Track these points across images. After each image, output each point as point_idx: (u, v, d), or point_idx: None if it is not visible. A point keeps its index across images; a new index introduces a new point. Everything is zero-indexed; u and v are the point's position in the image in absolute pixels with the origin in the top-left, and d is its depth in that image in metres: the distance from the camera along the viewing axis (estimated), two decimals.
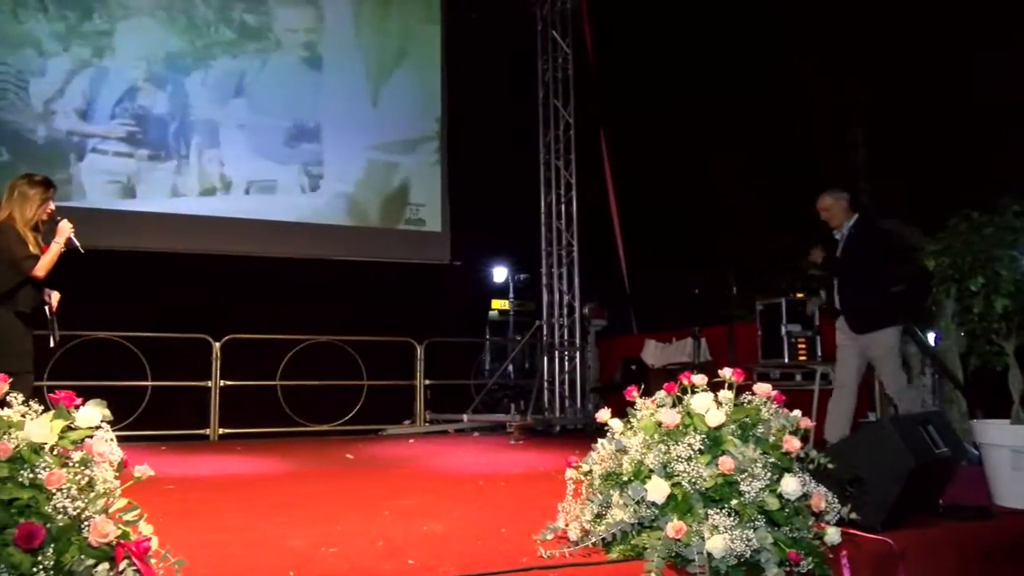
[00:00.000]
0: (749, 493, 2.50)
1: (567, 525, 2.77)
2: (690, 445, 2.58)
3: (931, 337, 5.96)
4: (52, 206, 4.42)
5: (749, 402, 2.77)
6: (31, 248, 4.27)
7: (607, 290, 10.13)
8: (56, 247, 4.31)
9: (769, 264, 8.34)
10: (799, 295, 6.49)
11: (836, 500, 2.64)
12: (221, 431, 7.76)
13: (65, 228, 4.35)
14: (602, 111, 9.81)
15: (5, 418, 2.02)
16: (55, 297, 4.48)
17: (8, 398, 2.08)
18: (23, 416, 2.02)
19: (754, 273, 7.91)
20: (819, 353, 6.37)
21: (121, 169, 8.35)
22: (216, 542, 2.94)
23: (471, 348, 10.24)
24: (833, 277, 5.37)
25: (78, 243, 4.41)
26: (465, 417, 8.55)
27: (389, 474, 5.09)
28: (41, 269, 4.26)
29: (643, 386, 2.96)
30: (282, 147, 8.99)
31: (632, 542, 2.53)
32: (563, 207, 9.46)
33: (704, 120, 9.49)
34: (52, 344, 4.50)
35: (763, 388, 2.79)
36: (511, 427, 8.03)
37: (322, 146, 9.12)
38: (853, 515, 2.65)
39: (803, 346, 6.39)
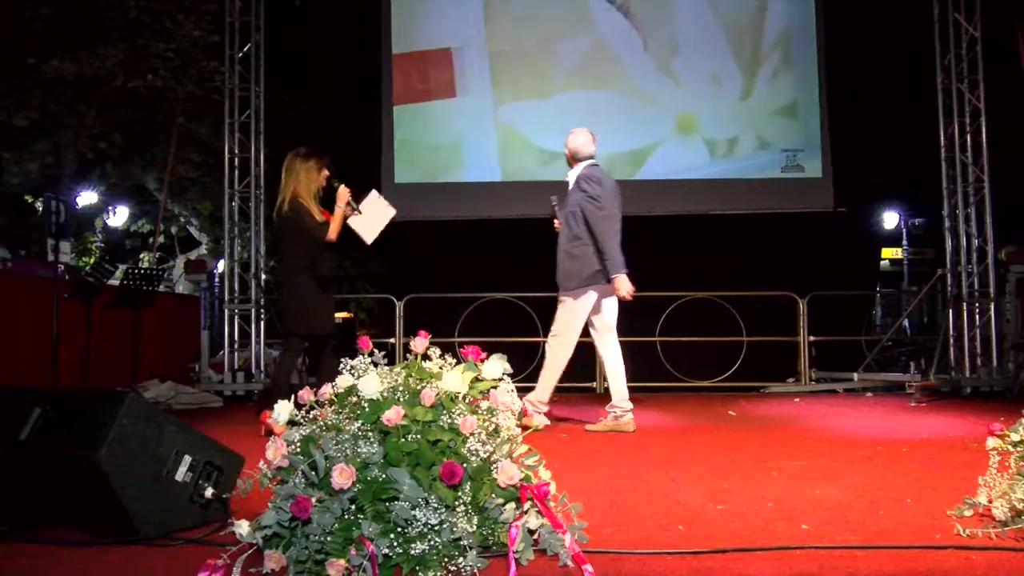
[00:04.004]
0: None
1: (991, 502, 2.42)
2: None
3: None
4: (327, 172, 4.79)
5: None
6: (317, 217, 4.68)
7: None
8: (339, 211, 4.70)
9: None
10: None
11: None
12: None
13: (344, 193, 4.73)
14: (1019, 14, 8.28)
15: (427, 370, 2.30)
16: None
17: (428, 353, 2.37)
18: (440, 368, 2.29)
19: None
20: None
21: None
22: (608, 490, 3.08)
23: (860, 302, 9.46)
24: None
25: (355, 205, 4.77)
26: (856, 376, 7.95)
27: (775, 433, 4.91)
28: (333, 233, 4.67)
29: None
30: (656, 101, 9.06)
31: None
32: (968, 137, 8.19)
33: None
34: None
35: None
36: (911, 387, 7.26)
37: (695, 96, 9.01)
38: None
39: None
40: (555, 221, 5.15)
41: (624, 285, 4.78)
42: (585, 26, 9.18)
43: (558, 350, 5.00)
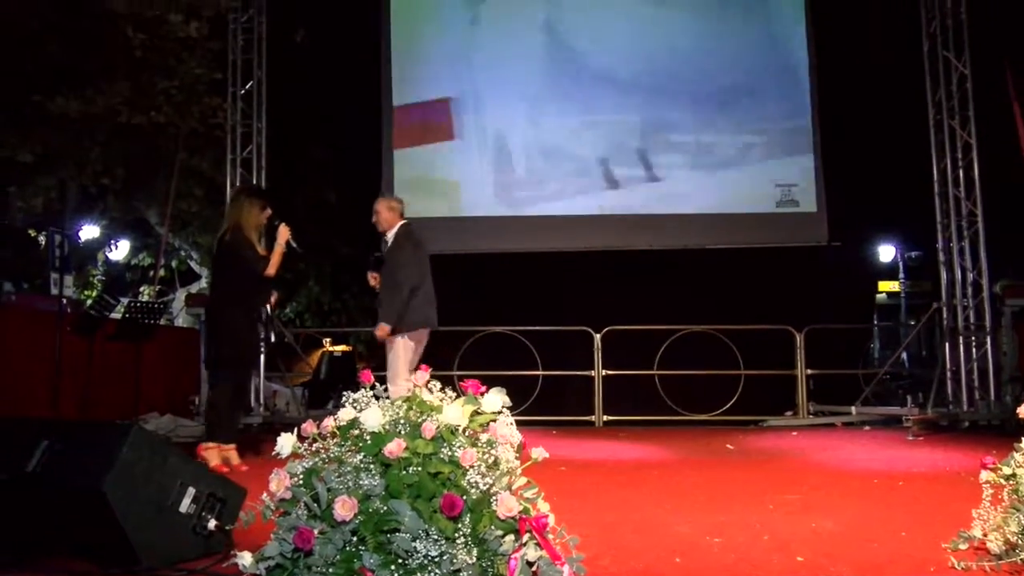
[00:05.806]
0: None
1: (985, 535, 2.44)
2: None
3: None
4: (269, 212, 4.90)
5: None
6: (259, 251, 4.79)
7: None
8: (279, 248, 4.80)
9: None
10: None
11: None
12: (605, 418, 8.17)
13: (284, 232, 4.82)
14: (1008, 51, 8.42)
15: (428, 403, 2.34)
16: (273, 297, 5.03)
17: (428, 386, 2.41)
18: (440, 401, 2.33)
19: None
20: None
21: None
22: (606, 522, 3.10)
23: (857, 335, 9.49)
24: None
25: (295, 244, 4.87)
26: (854, 409, 7.95)
27: (772, 467, 4.93)
28: (272, 268, 4.77)
29: None
30: (649, 137, 9.19)
31: None
32: (961, 172, 8.29)
33: None
34: (272, 339, 5.08)
35: None
36: (908, 421, 7.27)
37: (690, 131, 9.13)
38: None
39: None
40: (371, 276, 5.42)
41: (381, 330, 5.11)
42: (579, 71, 9.33)
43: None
